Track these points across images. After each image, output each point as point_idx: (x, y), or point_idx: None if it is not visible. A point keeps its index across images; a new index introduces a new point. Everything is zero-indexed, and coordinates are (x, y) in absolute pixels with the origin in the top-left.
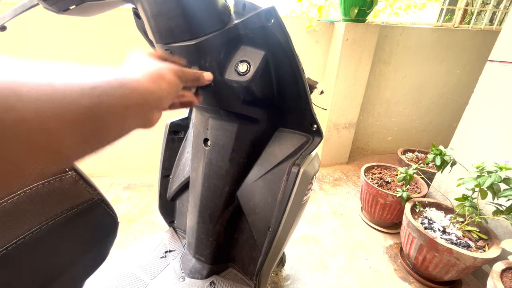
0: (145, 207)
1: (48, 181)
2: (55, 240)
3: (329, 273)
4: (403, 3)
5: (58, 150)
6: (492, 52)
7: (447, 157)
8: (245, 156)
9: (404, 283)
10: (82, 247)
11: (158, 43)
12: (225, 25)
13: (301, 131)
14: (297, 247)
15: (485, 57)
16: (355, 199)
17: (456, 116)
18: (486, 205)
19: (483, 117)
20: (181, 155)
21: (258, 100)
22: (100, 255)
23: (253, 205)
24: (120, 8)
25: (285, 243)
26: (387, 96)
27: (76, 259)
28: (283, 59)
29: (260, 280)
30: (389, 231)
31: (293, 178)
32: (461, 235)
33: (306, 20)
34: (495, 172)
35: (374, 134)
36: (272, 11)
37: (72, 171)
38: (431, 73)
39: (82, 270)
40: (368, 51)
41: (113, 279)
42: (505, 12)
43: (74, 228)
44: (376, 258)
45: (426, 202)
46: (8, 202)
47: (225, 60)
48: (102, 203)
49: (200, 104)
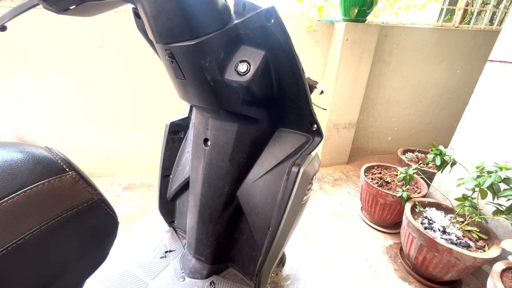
0: (145, 207)
1: (48, 181)
2: (55, 240)
3: (329, 273)
4: (403, 3)
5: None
6: (492, 52)
7: (447, 157)
8: (245, 156)
9: (404, 283)
10: (82, 247)
11: (158, 43)
12: (225, 25)
13: (301, 131)
14: (297, 247)
15: (485, 57)
16: (355, 199)
17: (456, 116)
18: (486, 205)
19: (483, 117)
20: (181, 155)
21: (258, 100)
22: (100, 255)
23: (253, 205)
24: (120, 8)
25: (285, 243)
26: (387, 96)
27: (76, 259)
28: (283, 59)
29: (260, 280)
30: (389, 231)
31: (293, 178)
32: (461, 235)
33: (306, 20)
34: (495, 172)
35: (374, 134)
36: (272, 11)
37: (72, 171)
38: (431, 73)
39: (82, 270)
40: (368, 51)
41: (113, 279)
42: (505, 12)
43: (74, 228)
44: (376, 258)
45: (426, 202)
46: (8, 202)
47: (225, 60)
48: (102, 203)
49: (200, 104)
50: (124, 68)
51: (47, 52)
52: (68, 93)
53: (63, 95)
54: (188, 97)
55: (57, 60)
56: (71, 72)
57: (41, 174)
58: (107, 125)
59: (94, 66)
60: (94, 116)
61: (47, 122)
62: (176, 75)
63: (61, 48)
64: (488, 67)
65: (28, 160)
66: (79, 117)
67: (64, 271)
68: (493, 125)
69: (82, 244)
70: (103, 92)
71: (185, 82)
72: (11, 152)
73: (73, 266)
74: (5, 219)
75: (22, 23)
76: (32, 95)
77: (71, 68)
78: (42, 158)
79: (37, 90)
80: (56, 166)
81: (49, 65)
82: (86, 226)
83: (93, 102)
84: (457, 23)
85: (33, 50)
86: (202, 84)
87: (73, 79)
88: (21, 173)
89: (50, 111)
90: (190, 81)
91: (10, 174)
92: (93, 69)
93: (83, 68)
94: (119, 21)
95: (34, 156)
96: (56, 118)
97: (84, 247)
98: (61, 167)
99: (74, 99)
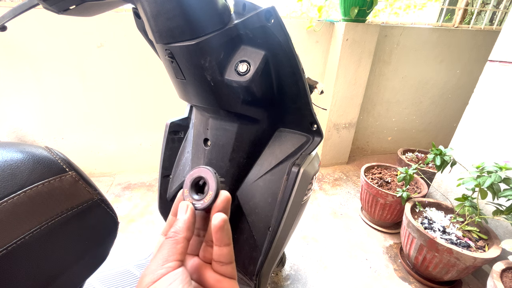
0: (145, 207)
1: (48, 181)
2: (55, 240)
3: (329, 273)
4: (403, 3)
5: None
6: (492, 52)
7: (447, 157)
8: (245, 156)
9: (404, 283)
10: (82, 247)
11: (158, 43)
12: (225, 25)
13: (301, 131)
14: (297, 247)
15: (485, 57)
16: (355, 199)
17: (456, 116)
18: (486, 205)
19: (483, 117)
20: (181, 155)
21: (258, 100)
22: (100, 255)
23: (253, 205)
24: (120, 8)
25: (285, 243)
26: (387, 96)
27: (76, 259)
28: (283, 59)
29: (260, 280)
30: (389, 231)
31: (293, 178)
32: (461, 235)
33: (306, 20)
34: (495, 172)
35: (374, 134)
36: (272, 11)
37: (72, 171)
38: (431, 73)
39: (82, 270)
40: (368, 51)
41: (113, 279)
42: (505, 12)
43: (74, 228)
44: (376, 258)
45: (426, 202)
46: (8, 202)
47: (225, 60)
48: (102, 203)
49: (200, 104)
50: (124, 68)
51: (47, 52)
52: (68, 93)
53: (63, 95)
54: (188, 97)
55: (57, 60)
56: (71, 72)
57: (41, 174)
58: (107, 125)
59: (94, 66)
60: (94, 116)
61: (47, 122)
62: (176, 75)
63: (61, 48)
64: (488, 67)
65: (28, 160)
66: (79, 117)
67: (64, 271)
68: (493, 125)
69: (82, 244)
70: (103, 92)
71: (185, 82)
72: (11, 152)
73: (73, 266)
74: (5, 219)
75: (22, 23)
76: (32, 95)
77: (71, 68)
78: (42, 158)
79: (37, 90)
80: (56, 166)
81: (49, 65)
82: (86, 226)
83: (93, 102)
84: (457, 23)
85: (33, 50)
86: (202, 84)
87: (73, 79)
88: (21, 173)
89: (50, 111)
90: (190, 81)
91: (10, 174)
92: (93, 69)
93: (83, 68)
94: (119, 21)
95: (34, 156)
96: (56, 118)
97: (84, 247)
98: (61, 167)
99: (74, 99)
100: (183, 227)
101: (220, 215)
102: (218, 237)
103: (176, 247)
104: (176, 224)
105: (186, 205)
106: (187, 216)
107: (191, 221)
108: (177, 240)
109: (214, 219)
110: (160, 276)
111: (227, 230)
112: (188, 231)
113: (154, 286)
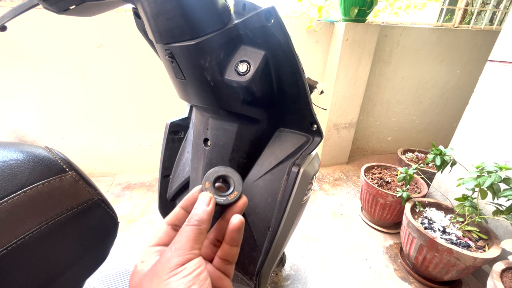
0: (145, 207)
1: (48, 181)
2: (55, 240)
3: (329, 273)
4: (403, 3)
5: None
6: (492, 52)
7: (447, 157)
8: (245, 156)
9: (404, 283)
10: (82, 247)
11: (158, 43)
12: (225, 25)
13: (301, 131)
14: (297, 247)
15: (485, 57)
16: (355, 199)
17: (456, 116)
18: (486, 205)
19: (483, 117)
20: (181, 155)
21: (258, 100)
22: (100, 255)
23: (253, 205)
24: (120, 8)
25: (285, 243)
26: (387, 96)
27: (76, 259)
28: (283, 59)
29: (260, 280)
30: (389, 231)
31: (293, 178)
32: (461, 235)
33: (306, 20)
34: (495, 172)
35: (374, 134)
36: (272, 11)
37: (72, 171)
38: (431, 73)
39: (82, 270)
40: (368, 51)
41: (113, 279)
42: (505, 12)
43: (74, 228)
44: (376, 258)
45: (426, 202)
46: (8, 202)
47: (225, 60)
48: (102, 203)
49: (200, 104)
50: (124, 68)
51: (47, 52)
52: (68, 93)
53: (63, 95)
54: (188, 97)
55: (57, 60)
56: (71, 72)
57: (41, 174)
58: (107, 125)
59: (94, 66)
60: (94, 116)
61: (47, 122)
62: (176, 75)
63: (61, 48)
64: (488, 67)
65: (28, 160)
66: (79, 117)
67: (64, 271)
68: (493, 125)
69: (82, 244)
70: (103, 92)
71: (185, 82)
72: (11, 152)
73: (73, 266)
74: (5, 219)
75: (22, 23)
76: (32, 95)
77: (71, 68)
78: (42, 158)
79: (37, 90)
80: (56, 166)
81: (49, 65)
82: (86, 226)
83: (93, 102)
84: (457, 23)
85: (33, 50)
86: (202, 84)
87: (73, 79)
88: (21, 173)
89: (50, 111)
90: (190, 81)
91: (10, 174)
92: (93, 69)
93: (83, 68)
94: (119, 21)
95: (34, 156)
96: (56, 118)
97: (84, 247)
98: (61, 167)
99: (74, 99)
100: (207, 218)
101: (239, 217)
102: (233, 237)
103: (200, 237)
104: (196, 214)
105: (209, 197)
106: (210, 208)
107: (212, 214)
108: (201, 229)
109: (233, 219)
110: (188, 260)
111: (242, 231)
112: (209, 223)
113: (185, 266)
